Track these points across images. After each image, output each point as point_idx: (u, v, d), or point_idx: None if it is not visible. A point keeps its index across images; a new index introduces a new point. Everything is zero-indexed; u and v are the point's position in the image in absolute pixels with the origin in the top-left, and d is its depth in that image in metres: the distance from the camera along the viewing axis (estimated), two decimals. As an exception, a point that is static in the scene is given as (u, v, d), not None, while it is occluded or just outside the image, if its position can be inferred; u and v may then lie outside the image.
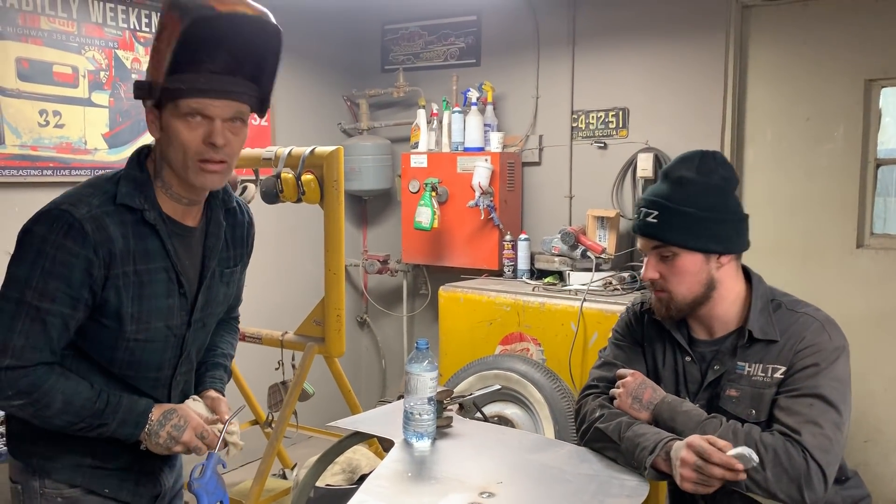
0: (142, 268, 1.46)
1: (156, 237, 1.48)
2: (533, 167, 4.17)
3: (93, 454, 1.53)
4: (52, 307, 1.39)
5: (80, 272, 1.39)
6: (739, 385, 1.66)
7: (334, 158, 2.86)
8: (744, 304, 1.72)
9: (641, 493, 1.41)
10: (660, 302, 1.73)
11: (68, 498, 1.52)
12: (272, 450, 2.93)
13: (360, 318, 4.88)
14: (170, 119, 1.41)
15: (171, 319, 1.53)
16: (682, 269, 1.67)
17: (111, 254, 1.41)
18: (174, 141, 1.42)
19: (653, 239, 1.69)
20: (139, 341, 1.49)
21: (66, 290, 1.39)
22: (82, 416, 1.43)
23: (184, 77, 1.37)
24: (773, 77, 3.58)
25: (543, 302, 3.47)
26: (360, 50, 4.70)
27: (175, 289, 1.52)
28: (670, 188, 1.69)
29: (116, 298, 1.44)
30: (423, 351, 1.61)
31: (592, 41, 3.95)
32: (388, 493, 1.38)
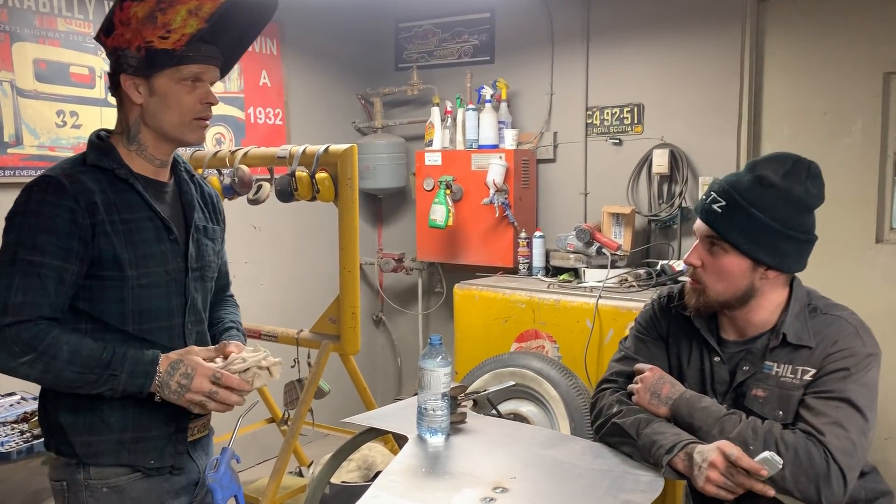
0: (127, 216, 1.54)
1: (132, 191, 1.56)
2: (548, 164, 4.16)
3: (132, 427, 1.56)
4: (43, 260, 1.45)
5: (64, 221, 1.46)
6: (767, 385, 1.62)
7: (348, 156, 2.87)
8: (781, 309, 1.67)
9: (656, 488, 1.40)
10: (693, 291, 1.69)
11: (113, 487, 1.55)
12: (288, 447, 2.94)
13: (375, 317, 4.89)
14: (168, 84, 1.52)
15: (167, 264, 1.59)
16: (726, 268, 1.62)
17: (92, 202, 1.48)
18: (171, 104, 1.53)
19: (711, 228, 1.63)
20: (143, 287, 1.54)
21: (55, 242, 1.45)
22: (90, 365, 1.45)
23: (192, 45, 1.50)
24: (790, 71, 3.55)
25: (559, 299, 3.46)
26: (373, 48, 4.70)
27: (164, 235, 1.59)
28: (749, 184, 1.61)
29: (109, 245, 1.50)
30: (437, 347, 1.61)
31: (607, 37, 3.94)
32: (402, 487, 1.39)
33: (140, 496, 1.58)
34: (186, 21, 1.47)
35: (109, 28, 1.51)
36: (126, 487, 1.57)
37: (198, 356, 1.54)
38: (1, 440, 2.47)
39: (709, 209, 1.63)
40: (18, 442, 2.46)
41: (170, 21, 1.47)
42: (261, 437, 3.78)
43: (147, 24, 1.47)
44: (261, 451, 4.06)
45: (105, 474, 1.55)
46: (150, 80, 1.52)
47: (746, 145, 3.60)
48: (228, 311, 1.88)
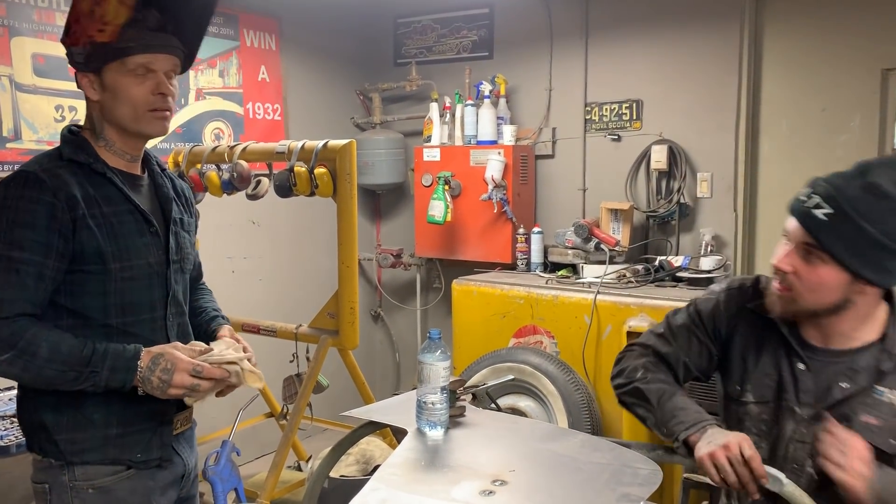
0: (108, 210, 1.53)
1: (110, 184, 1.55)
2: (546, 160, 4.16)
3: (116, 422, 1.54)
4: (22, 255, 1.43)
5: (43, 217, 1.44)
6: (879, 413, 1.48)
7: (347, 152, 2.87)
8: (882, 323, 1.54)
9: (654, 481, 1.40)
10: (780, 299, 1.56)
11: (99, 488, 1.53)
12: (287, 441, 2.95)
13: (373, 312, 4.90)
14: (116, 77, 1.50)
15: (149, 256, 1.58)
16: (821, 280, 1.49)
17: (72, 196, 1.47)
18: (123, 97, 1.51)
19: (811, 235, 1.48)
20: (125, 280, 1.54)
21: (34, 237, 1.44)
22: (70, 363, 1.44)
23: (131, 34, 1.48)
24: (789, 67, 3.55)
25: (557, 295, 3.46)
26: (372, 44, 4.70)
27: (145, 228, 1.58)
28: (859, 191, 1.45)
29: (93, 238, 1.49)
30: (436, 341, 1.61)
31: (606, 33, 3.94)
32: (401, 480, 1.39)
33: (127, 496, 1.57)
34: (117, 11, 1.45)
35: (67, 28, 1.51)
36: (112, 487, 1.55)
37: (180, 351, 1.53)
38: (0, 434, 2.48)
39: (810, 214, 1.48)
40: (18, 436, 2.46)
41: (104, 13, 1.45)
42: (260, 431, 3.78)
43: (88, 19, 1.47)
44: (260, 445, 4.06)
45: (90, 474, 1.53)
46: (100, 76, 1.52)
47: (745, 141, 3.61)
48: (207, 300, 1.90)
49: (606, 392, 3.33)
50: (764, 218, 3.69)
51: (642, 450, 1.59)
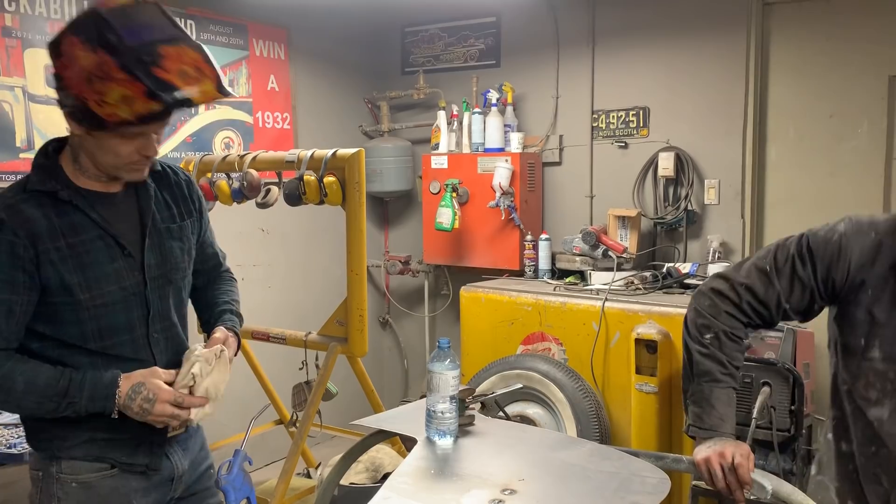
0: (73, 240, 1.50)
1: (78, 211, 1.52)
2: (553, 167, 4.18)
3: (105, 428, 1.57)
4: None
5: (5, 255, 1.44)
6: None
7: (356, 160, 2.89)
8: None
9: (663, 490, 1.41)
10: None
11: (83, 483, 1.58)
12: (296, 449, 2.97)
13: (382, 319, 4.92)
14: (103, 134, 1.44)
15: (122, 281, 1.56)
16: None
17: (32, 233, 1.46)
18: (106, 150, 1.47)
19: None
20: (98, 307, 1.53)
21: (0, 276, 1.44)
22: (48, 395, 1.47)
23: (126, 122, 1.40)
24: (796, 74, 3.56)
25: (565, 302, 3.47)
26: (380, 52, 4.73)
27: (118, 251, 1.56)
28: None
29: (55, 273, 1.48)
30: (445, 350, 1.63)
31: (612, 40, 3.95)
32: (412, 489, 1.40)
33: (108, 493, 1.60)
34: (120, 104, 1.36)
35: (58, 51, 1.40)
36: (95, 484, 1.59)
37: (160, 379, 1.53)
38: (13, 442, 2.50)
39: None
40: (31, 444, 2.48)
41: (105, 93, 1.35)
42: (269, 438, 3.80)
43: (85, 81, 1.36)
44: (269, 452, 4.08)
45: (76, 469, 1.58)
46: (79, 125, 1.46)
47: (752, 148, 3.61)
48: (222, 292, 1.86)
49: (615, 399, 3.34)
50: (771, 224, 3.69)
51: (651, 459, 1.60)
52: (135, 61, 1.33)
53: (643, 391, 3.12)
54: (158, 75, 1.34)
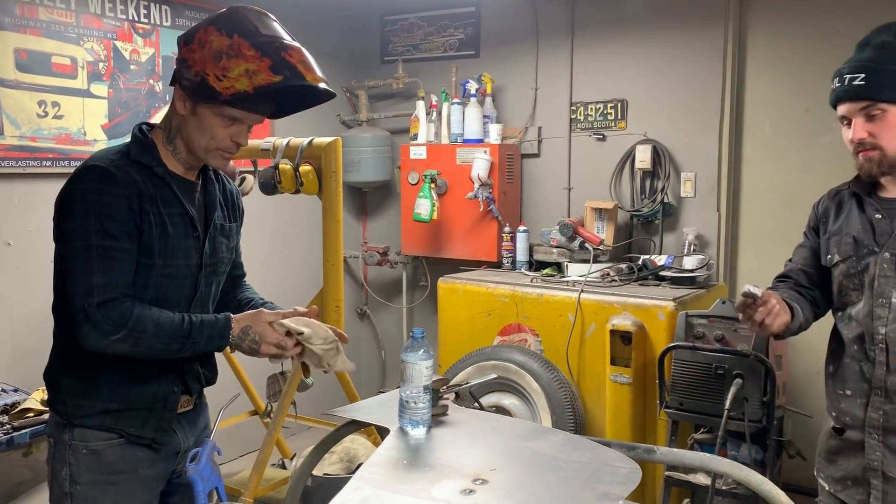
0: (163, 210, 1.66)
1: (167, 187, 1.68)
2: (532, 159, 4.18)
3: (119, 399, 1.68)
4: (115, 244, 1.58)
5: (123, 209, 1.59)
6: None
7: (332, 149, 2.87)
8: None
9: (633, 480, 1.41)
10: (869, 161, 1.79)
11: (92, 450, 1.68)
12: (271, 439, 2.95)
13: (359, 310, 4.90)
14: (207, 113, 1.63)
15: (188, 258, 1.71)
16: (893, 124, 1.74)
17: (140, 192, 1.61)
18: (205, 130, 1.64)
19: (862, 100, 1.74)
20: (165, 276, 1.67)
21: (121, 227, 1.59)
22: (174, 337, 1.60)
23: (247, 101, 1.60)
24: (772, 68, 3.58)
25: (541, 293, 3.48)
26: (359, 41, 4.69)
27: (190, 231, 1.71)
28: (873, 52, 1.75)
29: (149, 233, 1.63)
30: (419, 340, 1.62)
31: (591, 32, 3.95)
32: (383, 479, 1.39)
33: (115, 461, 1.69)
34: (241, 77, 1.56)
35: (190, 39, 1.62)
36: (102, 451, 1.68)
37: (265, 320, 1.67)
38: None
39: (851, 87, 1.75)
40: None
41: (229, 68, 1.56)
42: (244, 429, 3.78)
43: (212, 59, 1.57)
44: (244, 443, 4.06)
45: (87, 437, 1.68)
46: (194, 102, 1.63)
47: (728, 141, 3.64)
48: (253, 292, 2.04)
49: (590, 390, 3.36)
50: (747, 218, 3.72)
51: (622, 449, 1.61)
52: (266, 44, 1.58)
53: (618, 382, 3.14)
54: (284, 56, 1.58)
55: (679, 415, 2.86)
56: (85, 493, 1.68)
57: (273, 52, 1.58)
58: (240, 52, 1.56)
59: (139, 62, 3.58)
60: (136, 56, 3.57)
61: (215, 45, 1.57)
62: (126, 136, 3.77)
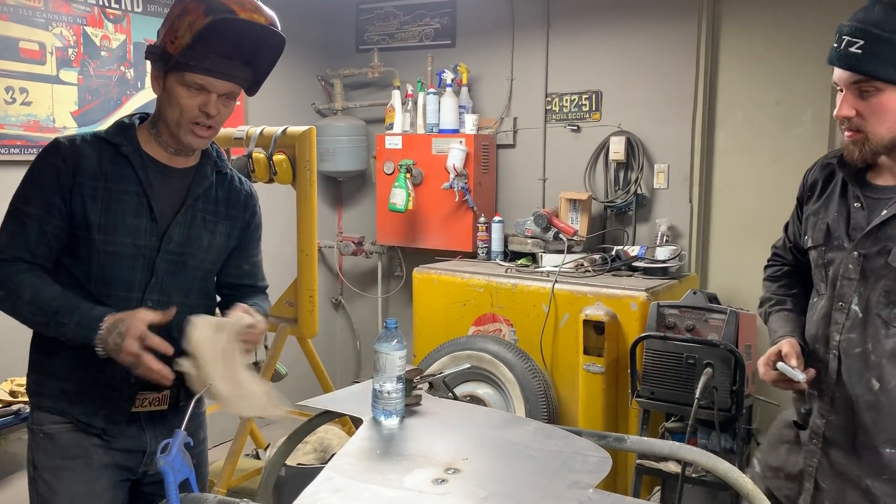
0: (113, 186, 1.65)
1: (129, 166, 1.67)
2: (507, 149, 4.18)
3: (73, 381, 1.67)
4: (27, 209, 1.61)
5: (50, 178, 1.61)
6: None
7: (306, 139, 2.85)
8: None
9: (604, 468, 1.43)
10: (853, 144, 1.56)
11: (47, 434, 1.69)
12: (244, 430, 2.94)
13: (334, 300, 4.89)
14: (174, 84, 1.63)
15: (138, 238, 1.67)
16: (885, 108, 1.49)
17: (79, 166, 1.62)
18: (174, 103, 1.64)
19: (855, 72, 1.50)
20: (108, 254, 1.64)
21: (39, 194, 1.61)
22: (46, 311, 1.58)
23: (193, 54, 1.59)
24: (745, 61, 3.62)
25: (516, 283, 3.50)
26: (334, 29, 4.66)
27: (145, 211, 1.67)
28: (883, 13, 1.48)
29: (82, 206, 1.62)
30: (392, 330, 1.62)
31: (566, 23, 3.96)
32: (355, 469, 1.40)
33: (69, 446, 1.68)
34: (184, 33, 1.58)
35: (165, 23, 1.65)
36: (56, 435, 1.68)
37: (143, 317, 1.54)
38: None
39: (847, 54, 1.50)
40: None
41: (178, 27, 1.59)
42: (217, 419, 3.74)
43: (168, 26, 1.62)
44: (217, 433, 4.02)
45: (41, 420, 1.69)
46: (165, 78, 1.64)
47: (701, 133, 3.67)
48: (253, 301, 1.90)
49: (563, 379, 3.39)
50: (719, 209, 3.76)
51: (593, 438, 1.63)
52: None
53: (590, 371, 3.17)
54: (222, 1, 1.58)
55: (650, 404, 2.89)
56: (42, 477, 1.69)
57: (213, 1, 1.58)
58: (185, 10, 1.59)
59: (110, 48, 3.53)
60: (107, 42, 3.51)
61: (172, 13, 1.62)
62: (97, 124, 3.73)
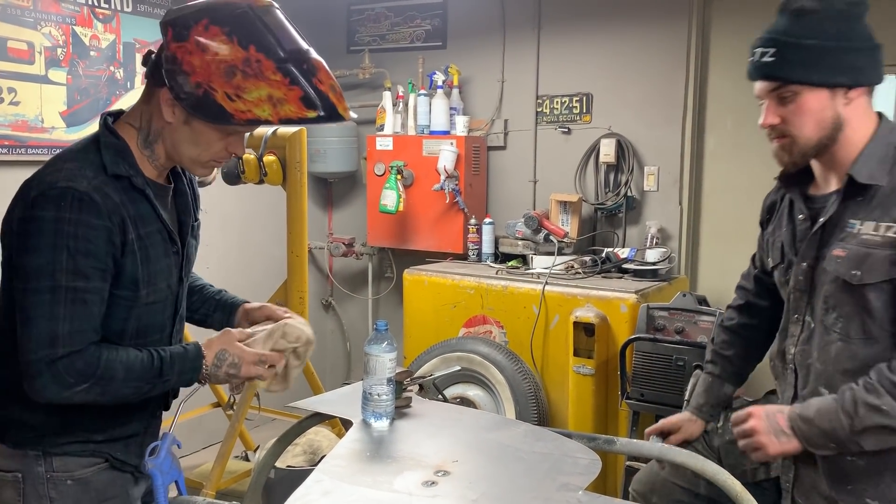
0: (143, 231, 1.46)
1: (145, 201, 1.47)
2: (498, 151, 4.19)
3: (102, 429, 1.51)
4: (87, 285, 1.37)
5: (103, 243, 1.37)
6: (847, 244, 1.53)
7: (297, 140, 2.85)
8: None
9: (593, 470, 1.44)
10: (782, 149, 1.59)
11: (79, 480, 1.49)
12: (233, 431, 2.93)
13: (325, 301, 4.88)
14: (207, 128, 1.42)
15: (170, 279, 1.54)
16: (805, 109, 1.52)
17: (123, 219, 1.40)
18: (200, 142, 1.44)
19: (771, 80, 1.55)
20: (149, 304, 1.49)
21: (96, 265, 1.37)
22: (145, 379, 1.42)
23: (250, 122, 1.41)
24: (735, 65, 3.63)
25: (506, 285, 3.50)
26: (325, 30, 4.65)
27: (170, 248, 1.53)
28: (788, 21, 1.55)
29: (132, 264, 1.43)
30: (382, 332, 1.62)
31: (557, 25, 3.97)
32: (345, 472, 1.40)
33: (104, 486, 1.53)
34: (262, 103, 1.36)
35: (183, 35, 1.36)
36: (91, 479, 1.51)
37: (237, 340, 1.53)
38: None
39: (760, 64, 1.56)
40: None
41: (246, 89, 1.35)
42: (206, 421, 3.74)
43: (222, 74, 1.34)
44: (206, 435, 4.02)
45: (70, 465, 1.48)
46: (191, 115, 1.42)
47: (691, 136, 3.69)
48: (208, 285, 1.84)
49: (554, 381, 3.39)
50: (708, 212, 3.78)
51: (583, 440, 1.63)
52: (292, 66, 1.37)
53: (580, 373, 3.18)
54: (317, 85, 1.38)
55: (640, 405, 2.90)
56: None
57: (303, 77, 1.37)
58: (260, 73, 1.34)
59: (99, 48, 3.51)
60: (97, 42, 3.49)
61: (225, 55, 1.34)
62: (86, 124, 3.70)
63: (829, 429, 1.51)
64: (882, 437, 1.49)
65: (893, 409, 1.46)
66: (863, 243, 1.51)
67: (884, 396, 1.47)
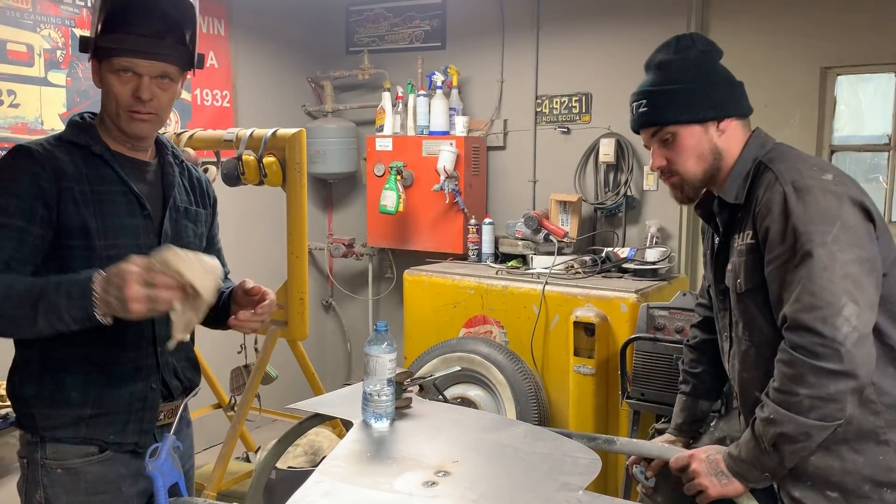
0: (98, 188, 1.56)
1: (107, 165, 1.59)
2: (497, 151, 4.19)
3: (91, 403, 1.55)
4: (5, 220, 1.47)
5: (28, 185, 1.49)
6: (732, 258, 1.65)
7: (297, 141, 2.85)
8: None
9: (593, 470, 1.44)
10: (674, 188, 1.72)
11: (69, 469, 1.55)
12: (234, 433, 2.93)
13: (325, 302, 4.88)
14: (105, 73, 1.56)
15: (139, 238, 1.60)
16: (683, 146, 1.65)
17: (59, 170, 1.52)
18: (109, 92, 1.58)
19: (648, 126, 1.69)
20: (111, 258, 1.48)
21: (18, 203, 1.48)
22: (25, 298, 1.40)
23: (114, 37, 1.53)
24: (732, 64, 3.57)
25: (506, 285, 3.50)
26: (324, 31, 4.66)
27: (137, 210, 1.61)
28: (654, 75, 1.71)
29: (76, 212, 1.52)
30: (383, 333, 1.62)
31: (557, 26, 3.97)
32: (345, 472, 1.40)
33: (95, 480, 1.56)
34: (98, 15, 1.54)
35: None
36: (81, 470, 1.55)
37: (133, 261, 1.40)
38: None
39: (638, 115, 1.70)
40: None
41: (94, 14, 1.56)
42: (207, 422, 3.74)
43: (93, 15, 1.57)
44: (207, 436, 4.02)
45: (61, 454, 1.55)
46: (99, 69, 1.58)
47: (690, 136, 3.68)
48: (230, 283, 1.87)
49: (554, 381, 3.39)
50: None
51: (583, 440, 1.64)
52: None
53: (581, 373, 3.18)
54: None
55: (640, 405, 2.90)
56: None
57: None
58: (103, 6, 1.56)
59: (98, 50, 3.51)
60: (96, 44, 3.49)
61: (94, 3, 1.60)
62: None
63: (754, 459, 1.52)
64: (790, 448, 1.48)
65: (780, 414, 1.46)
66: (739, 254, 1.62)
67: (769, 405, 1.49)
